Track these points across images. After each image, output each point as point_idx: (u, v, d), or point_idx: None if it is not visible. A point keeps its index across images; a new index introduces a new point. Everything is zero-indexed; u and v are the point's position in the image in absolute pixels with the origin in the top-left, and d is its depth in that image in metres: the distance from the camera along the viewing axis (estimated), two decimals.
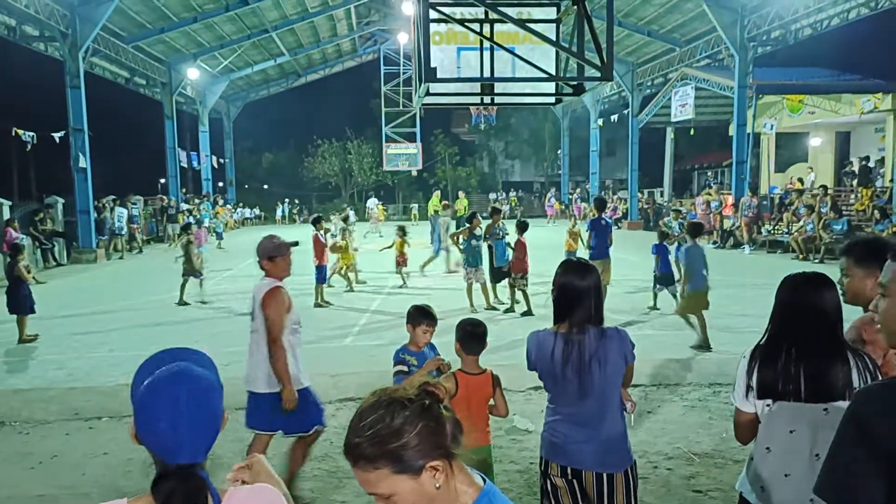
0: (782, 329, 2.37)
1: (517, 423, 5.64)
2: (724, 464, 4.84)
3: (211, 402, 1.44)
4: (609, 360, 2.76)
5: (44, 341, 9.12)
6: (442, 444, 1.34)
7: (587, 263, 2.94)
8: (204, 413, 1.41)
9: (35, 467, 5.02)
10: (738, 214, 20.50)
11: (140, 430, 1.41)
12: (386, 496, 1.32)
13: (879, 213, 16.46)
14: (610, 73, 6.23)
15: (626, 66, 28.69)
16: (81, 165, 18.73)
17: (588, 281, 2.81)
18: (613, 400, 2.83)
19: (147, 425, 1.39)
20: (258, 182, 50.99)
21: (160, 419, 1.38)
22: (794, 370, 2.28)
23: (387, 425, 1.31)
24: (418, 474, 1.31)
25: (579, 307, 2.79)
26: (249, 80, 35.45)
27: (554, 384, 2.86)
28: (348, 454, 1.35)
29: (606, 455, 2.78)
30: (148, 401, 1.41)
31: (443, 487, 1.34)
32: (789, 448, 2.30)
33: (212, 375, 1.49)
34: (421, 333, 3.92)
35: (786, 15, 19.79)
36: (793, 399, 2.28)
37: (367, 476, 1.32)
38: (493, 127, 39.59)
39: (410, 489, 1.31)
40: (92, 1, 18.32)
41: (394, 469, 1.30)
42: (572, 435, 2.79)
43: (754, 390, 2.35)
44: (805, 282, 2.40)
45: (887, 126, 20.62)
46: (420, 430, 1.31)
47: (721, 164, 32.75)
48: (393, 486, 1.31)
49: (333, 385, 6.89)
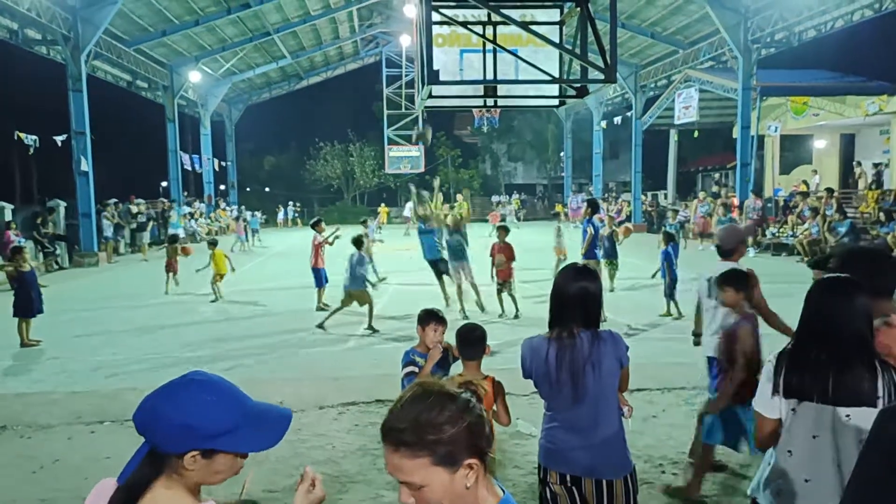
0: (812, 333, 2.36)
1: (520, 427, 5.60)
2: (730, 470, 4.79)
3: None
4: (603, 363, 2.73)
5: (46, 345, 9.10)
6: (480, 444, 1.35)
7: (583, 268, 2.91)
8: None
9: (37, 471, 4.99)
10: (742, 217, 20.46)
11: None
12: (417, 486, 1.32)
13: (885, 215, 16.40)
14: (613, 76, 6.20)
15: (629, 69, 28.66)
16: (83, 169, 18.74)
17: (580, 284, 2.79)
18: (610, 404, 2.79)
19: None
20: (260, 185, 51.01)
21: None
22: (822, 372, 2.28)
23: (435, 416, 1.32)
24: (455, 470, 1.32)
25: (571, 311, 2.77)
26: (251, 82, 35.48)
27: (549, 390, 2.83)
28: (389, 438, 1.34)
29: (604, 461, 2.74)
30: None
31: (471, 489, 1.35)
32: (811, 453, 2.30)
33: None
34: (431, 334, 3.92)
35: (789, 17, 19.75)
36: (819, 400, 2.27)
37: (403, 463, 1.32)
38: (495, 129, 39.54)
39: (442, 483, 1.32)
40: (94, 4, 18.35)
41: (434, 460, 1.31)
42: (569, 441, 2.76)
43: (780, 391, 2.35)
44: (830, 288, 2.38)
45: (892, 128, 20.55)
46: (465, 426, 1.33)
47: (725, 166, 32.69)
48: (428, 478, 1.31)
49: (336, 388, 6.86)
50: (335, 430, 5.66)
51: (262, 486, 4.54)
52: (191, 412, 1.45)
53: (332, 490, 4.55)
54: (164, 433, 1.44)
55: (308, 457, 5.06)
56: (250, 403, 1.56)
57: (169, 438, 1.45)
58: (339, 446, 5.28)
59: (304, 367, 7.94)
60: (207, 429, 1.46)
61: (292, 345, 8.99)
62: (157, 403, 1.46)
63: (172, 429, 1.44)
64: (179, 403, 1.46)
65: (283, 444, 4.91)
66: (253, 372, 7.65)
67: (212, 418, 1.46)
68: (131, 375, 7.61)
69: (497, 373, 3.66)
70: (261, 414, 1.56)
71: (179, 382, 1.50)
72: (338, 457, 5.08)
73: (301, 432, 5.60)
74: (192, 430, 1.45)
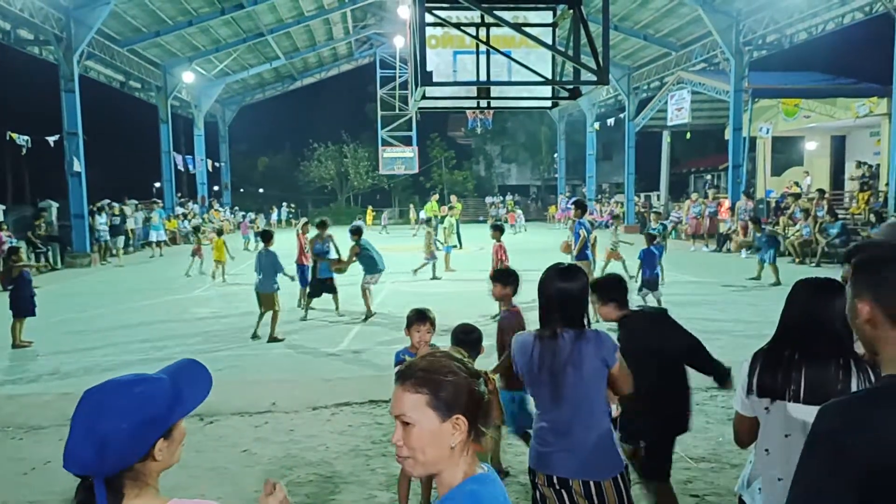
0: (788, 333, 2.40)
1: None
2: (720, 468, 4.82)
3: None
4: (584, 363, 2.69)
5: (38, 346, 9.07)
6: (476, 411, 1.45)
7: (566, 268, 2.88)
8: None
9: (28, 473, 4.98)
10: (734, 218, 20.55)
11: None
12: (407, 423, 1.42)
13: (875, 216, 16.50)
14: (606, 77, 6.24)
15: (622, 70, 28.74)
16: (76, 169, 18.67)
17: (560, 285, 2.78)
18: (593, 405, 2.73)
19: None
20: (254, 186, 50.94)
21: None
22: (795, 372, 2.31)
23: (446, 364, 1.47)
24: (445, 419, 1.42)
25: (554, 311, 2.77)
26: (245, 83, 35.41)
27: (532, 388, 2.83)
28: (402, 376, 1.47)
29: (590, 462, 2.70)
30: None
31: (454, 453, 1.43)
32: (784, 452, 2.31)
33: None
34: (417, 335, 3.92)
35: (781, 19, 19.86)
36: (791, 399, 2.30)
37: (405, 396, 1.44)
38: (489, 130, 39.61)
39: (430, 428, 1.41)
40: (87, 4, 18.29)
41: (430, 400, 1.42)
42: (555, 443, 2.74)
43: (755, 390, 2.38)
44: (815, 288, 2.40)
45: (882, 130, 20.68)
46: (466, 385, 1.45)
47: (717, 167, 32.84)
48: (419, 416, 1.41)
49: (329, 389, 6.87)
50: (328, 431, 5.66)
51: (253, 487, 4.54)
52: (140, 408, 1.43)
53: (324, 491, 4.56)
54: (121, 447, 1.40)
55: (301, 458, 5.07)
56: (168, 369, 1.56)
57: (130, 449, 1.42)
58: (332, 447, 5.28)
59: (297, 368, 7.94)
60: (160, 411, 1.45)
61: (285, 346, 8.98)
62: (97, 428, 1.40)
63: (132, 436, 1.40)
64: (122, 410, 1.41)
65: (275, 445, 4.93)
66: (245, 373, 7.65)
67: (158, 400, 1.46)
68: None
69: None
70: (178, 370, 1.56)
71: (94, 401, 1.44)
72: (331, 458, 5.08)
73: (294, 433, 5.61)
74: (153, 422, 1.44)
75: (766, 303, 10.84)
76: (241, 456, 5.16)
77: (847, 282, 2.63)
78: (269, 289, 9.13)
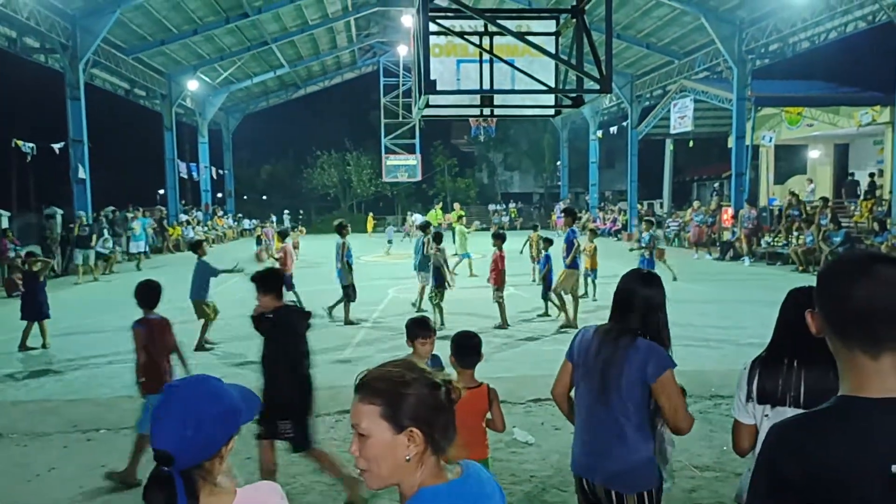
0: (785, 341, 2.41)
1: (517, 435, 5.60)
2: (725, 477, 4.81)
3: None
4: (624, 372, 2.62)
5: (43, 352, 9.09)
6: (432, 424, 1.40)
7: (649, 275, 2.87)
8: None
9: (32, 480, 4.98)
10: (737, 226, 20.55)
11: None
12: (362, 434, 1.40)
13: (879, 225, 16.48)
14: (609, 86, 6.25)
15: (625, 79, 28.81)
16: (81, 176, 18.76)
17: (643, 291, 2.75)
18: (629, 416, 2.64)
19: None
20: (257, 193, 51.03)
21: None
22: (794, 378, 2.32)
23: (400, 374, 1.42)
24: (398, 431, 1.38)
25: (621, 312, 2.75)
26: (249, 91, 35.57)
27: (579, 381, 2.82)
28: (357, 385, 1.45)
29: (616, 472, 2.66)
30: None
31: (411, 465, 1.39)
32: None
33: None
34: (419, 346, 3.91)
35: (784, 28, 19.90)
36: (791, 405, 2.30)
37: (359, 407, 1.41)
38: (492, 138, 39.70)
39: (383, 440, 1.38)
40: (93, 13, 18.43)
41: (383, 412, 1.38)
42: (587, 444, 2.76)
43: (754, 397, 2.39)
44: (808, 296, 2.41)
45: (885, 138, 20.67)
46: (422, 396, 1.40)
47: (720, 175, 32.82)
48: (372, 428, 1.38)
49: (332, 397, 6.85)
50: (331, 439, 5.66)
51: None
52: (224, 397, 1.51)
53: (327, 500, 4.56)
54: (213, 430, 1.48)
55: (303, 465, 5.06)
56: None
57: (216, 436, 1.49)
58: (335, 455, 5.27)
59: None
60: (238, 405, 1.54)
61: None
62: (193, 409, 1.47)
63: (222, 420, 1.49)
64: (212, 396, 1.50)
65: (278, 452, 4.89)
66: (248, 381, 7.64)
67: (234, 397, 1.54)
68: (128, 384, 7.58)
69: (494, 381, 3.68)
70: (233, 386, 1.64)
71: (184, 390, 1.52)
72: None
73: None
74: (235, 413, 1.52)
75: (768, 310, 10.81)
76: (244, 462, 5.15)
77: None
78: (198, 296, 9.40)
